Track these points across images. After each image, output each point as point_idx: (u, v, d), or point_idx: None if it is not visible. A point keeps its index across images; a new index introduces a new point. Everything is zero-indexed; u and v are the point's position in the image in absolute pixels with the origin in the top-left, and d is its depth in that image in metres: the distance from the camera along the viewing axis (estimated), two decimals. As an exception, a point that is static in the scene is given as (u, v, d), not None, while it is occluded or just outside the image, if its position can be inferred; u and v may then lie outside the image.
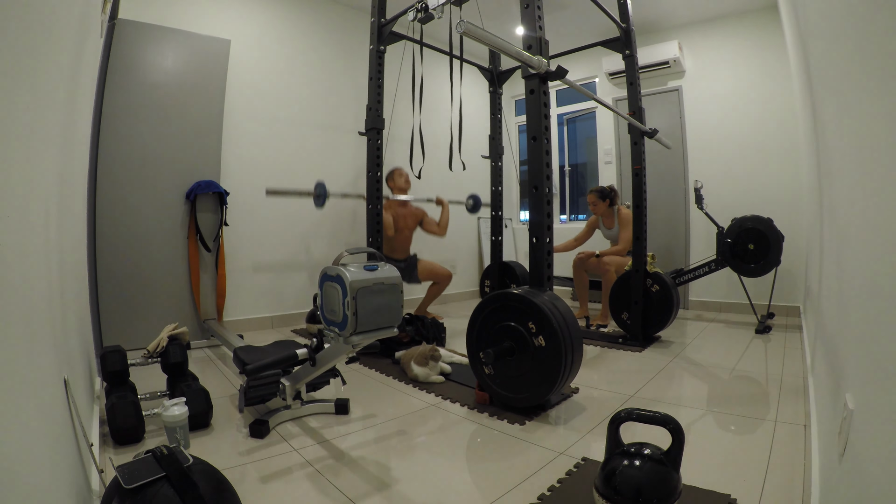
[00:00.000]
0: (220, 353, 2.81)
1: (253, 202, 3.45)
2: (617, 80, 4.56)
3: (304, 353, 1.63)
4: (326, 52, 3.92)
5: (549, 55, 2.00)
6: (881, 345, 0.61)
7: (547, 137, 1.96)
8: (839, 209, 1.05)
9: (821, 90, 1.22)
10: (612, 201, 3.66)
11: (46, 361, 0.85)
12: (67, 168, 1.29)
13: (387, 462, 1.49)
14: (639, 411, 1.10)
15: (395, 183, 3.61)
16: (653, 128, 2.93)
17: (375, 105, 2.79)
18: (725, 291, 4.05)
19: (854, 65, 0.75)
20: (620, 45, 2.94)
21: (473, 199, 4.06)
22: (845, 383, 0.89)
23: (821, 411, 1.36)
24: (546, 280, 1.93)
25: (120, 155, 2.73)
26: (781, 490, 1.24)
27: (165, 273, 2.89)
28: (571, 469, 1.40)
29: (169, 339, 1.96)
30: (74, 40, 1.16)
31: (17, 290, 0.66)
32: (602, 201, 3.64)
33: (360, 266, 1.43)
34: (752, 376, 2.29)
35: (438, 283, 3.75)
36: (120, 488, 0.81)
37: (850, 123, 0.83)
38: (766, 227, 3.24)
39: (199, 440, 1.62)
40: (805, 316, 3.02)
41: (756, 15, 3.86)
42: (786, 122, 3.69)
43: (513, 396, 1.86)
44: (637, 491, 1.02)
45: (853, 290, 0.86)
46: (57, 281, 1.06)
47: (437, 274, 3.70)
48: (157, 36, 2.85)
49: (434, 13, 2.27)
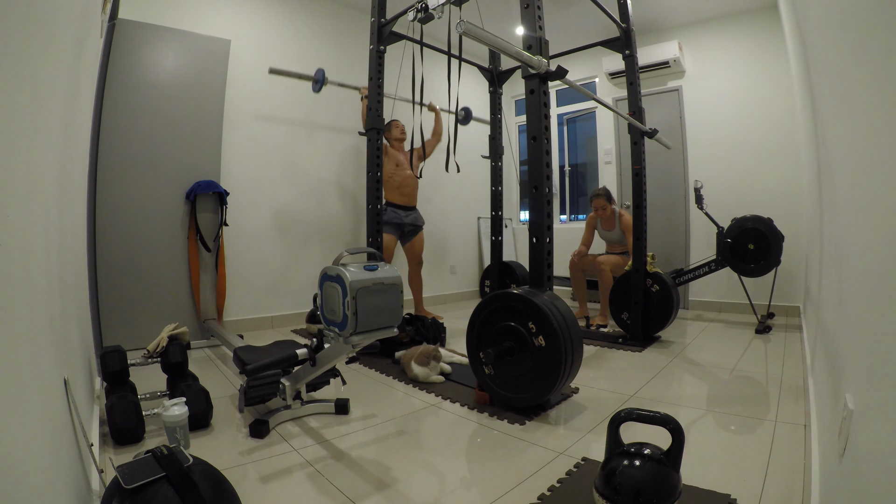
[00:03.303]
0: (220, 353, 2.81)
1: (253, 202, 3.45)
2: (617, 80, 4.56)
3: (304, 353, 1.63)
4: (326, 52, 3.92)
5: (549, 55, 2.00)
6: (881, 345, 0.61)
7: (547, 137, 1.96)
8: (839, 209, 1.05)
9: (821, 90, 1.22)
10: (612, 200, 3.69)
11: (46, 361, 0.85)
12: (67, 168, 1.29)
13: (387, 462, 1.49)
14: (639, 411, 1.10)
15: (392, 134, 3.64)
16: (653, 128, 2.93)
17: (375, 105, 2.79)
18: (725, 291, 4.05)
19: (854, 64, 0.75)
20: (620, 45, 2.94)
21: (465, 111, 4.10)
22: (845, 383, 0.89)
23: (821, 411, 1.36)
24: (546, 280, 1.93)
25: (120, 155, 2.72)
26: (781, 490, 1.24)
27: (165, 273, 2.89)
28: (571, 469, 1.40)
29: (169, 339, 1.96)
30: (74, 40, 1.16)
31: (18, 290, 0.66)
32: (609, 204, 3.65)
33: (360, 266, 1.43)
34: (752, 376, 2.29)
35: (412, 272, 3.80)
36: (120, 488, 0.81)
37: (850, 123, 0.83)
38: (766, 227, 3.24)
39: (199, 440, 1.62)
40: (805, 316, 3.02)
41: (756, 15, 3.86)
42: (786, 122, 3.69)
43: (513, 396, 1.86)
44: (637, 491, 1.02)
45: (853, 290, 0.86)
46: (57, 281, 1.06)
47: (415, 253, 3.77)
48: (157, 36, 2.85)
49: (434, 13, 2.27)
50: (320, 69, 3.38)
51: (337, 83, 3.48)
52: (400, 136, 3.66)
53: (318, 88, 3.41)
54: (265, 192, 3.53)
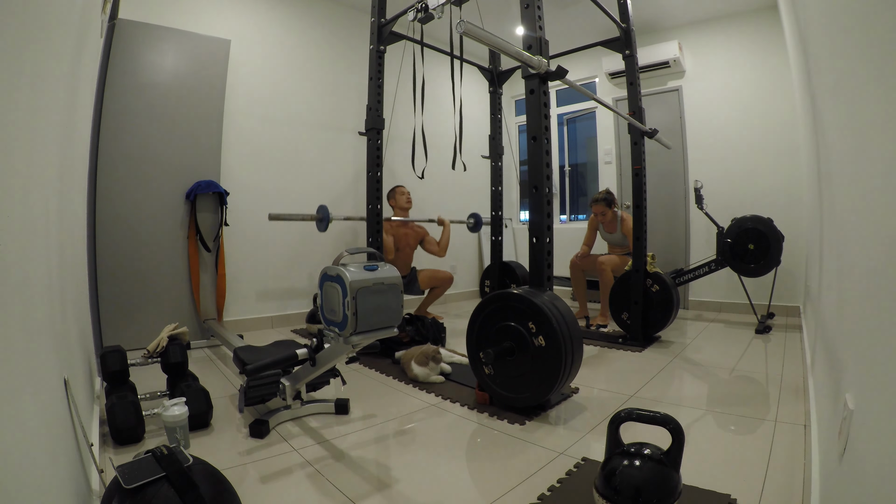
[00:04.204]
0: (220, 353, 2.81)
1: (253, 202, 3.45)
2: (617, 80, 4.56)
3: (304, 353, 1.63)
4: (326, 52, 3.92)
5: (549, 55, 2.00)
6: (881, 345, 0.61)
7: (547, 137, 1.96)
8: (839, 209, 1.05)
9: (821, 90, 1.22)
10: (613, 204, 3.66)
11: (46, 361, 0.85)
12: (67, 168, 1.29)
13: (387, 462, 1.49)
14: (639, 411, 1.10)
15: (397, 202, 3.60)
16: (653, 128, 2.93)
17: (375, 105, 2.79)
18: (725, 291, 4.05)
19: (854, 64, 0.75)
20: (620, 45, 2.94)
21: (475, 217, 4.08)
22: (845, 383, 0.89)
23: (821, 411, 1.36)
24: (546, 280, 1.93)
25: (120, 155, 2.73)
26: (781, 490, 1.24)
27: (165, 273, 2.89)
28: (571, 469, 1.40)
29: (169, 339, 1.96)
30: (74, 40, 1.16)
31: (18, 291, 0.66)
32: (610, 209, 3.60)
33: (360, 266, 1.43)
34: (752, 376, 2.29)
35: (443, 287, 3.75)
36: (120, 488, 0.81)
37: (850, 123, 0.83)
38: (766, 227, 3.23)
39: (199, 440, 1.62)
40: (805, 316, 3.02)
41: (756, 15, 3.86)
42: (786, 122, 3.69)
43: (513, 396, 1.86)
44: (637, 491, 1.02)
45: (853, 290, 0.85)
46: (57, 281, 1.06)
47: (438, 279, 3.70)
48: (157, 36, 2.85)
49: (434, 13, 2.27)
50: (322, 206, 3.28)
51: (342, 218, 3.41)
52: (405, 204, 3.59)
53: (325, 227, 3.27)
54: (265, 192, 3.53)
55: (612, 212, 3.63)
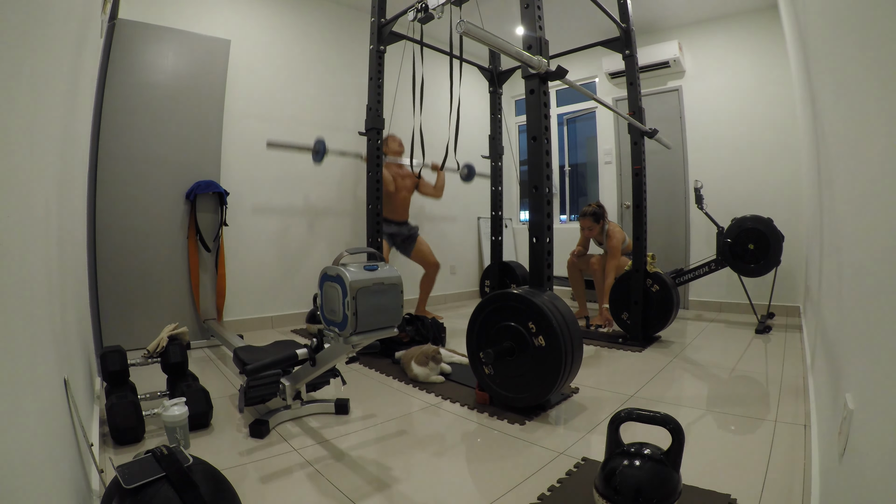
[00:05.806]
0: (220, 353, 2.81)
1: (253, 202, 3.45)
2: (617, 80, 4.56)
3: (304, 353, 1.63)
4: (326, 52, 3.92)
5: (549, 55, 2.00)
6: (881, 345, 0.61)
7: (547, 137, 1.96)
8: (839, 209, 1.05)
9: (821, 90, 1.22)
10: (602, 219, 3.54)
11: (46, 361, 0.85)
12: (67, 168, 1.29)
13: (387, 462, 1.49)
14: (639, 411, 1.10)
15: (390, 147, 3.64)
16: (653, 128, 2.93)
17: (375, 105, 2.79)
18: (725, 291, 4.05)
19: (854, 64, 0.75)
20: (620, 45, 2.94)
21: (468, 167, 4.05)
22: (845, 383, 0.89)
23: (821, 411, 1.36)
24: (546, 280, 1.93)
25: (120, 155, 2.72)
26: (781, 490, 1.24)
27: (165, 273, 2.89)
28: (571, 469, 1.40)
29: (169, 339, 1.96)
30: (74, 40, 1.16)
31: (18, 290, 0.66)
32: (597, 224, 3.50)
33: (360, 266, 1.43)
34: (752, 376, 2.29)
35: (427, 274, 3.78)
36: (120, 488, 0.81)
37: (849, 123, 0.83)
38: (766, 227, 3.24)
39: (199, 440, 1.62)
40: (805, 316, 3.02)
41: (756, 15, 3.86)
42: (786, 122, 3.69)
43: (513, 396, 1.86)
44: (637, 491, 1.02)
45: (853, 290, 0.86)
46: (57, 281, 1.06)
47: (426, 259, 3.75)
48: (157, 36, 2.85)
49: (434, 13, 2.27)
50: (320, 139, 3.25)
51: (338, 152, 3.40)
52: (398, 148, 3.66)
53: (320, 159, 3.26)
54: (265, 192, 3.53)
55: (600, 227, 3.51)
